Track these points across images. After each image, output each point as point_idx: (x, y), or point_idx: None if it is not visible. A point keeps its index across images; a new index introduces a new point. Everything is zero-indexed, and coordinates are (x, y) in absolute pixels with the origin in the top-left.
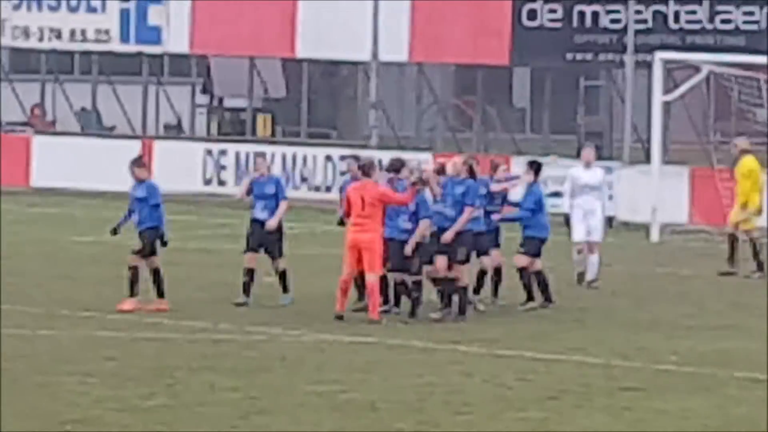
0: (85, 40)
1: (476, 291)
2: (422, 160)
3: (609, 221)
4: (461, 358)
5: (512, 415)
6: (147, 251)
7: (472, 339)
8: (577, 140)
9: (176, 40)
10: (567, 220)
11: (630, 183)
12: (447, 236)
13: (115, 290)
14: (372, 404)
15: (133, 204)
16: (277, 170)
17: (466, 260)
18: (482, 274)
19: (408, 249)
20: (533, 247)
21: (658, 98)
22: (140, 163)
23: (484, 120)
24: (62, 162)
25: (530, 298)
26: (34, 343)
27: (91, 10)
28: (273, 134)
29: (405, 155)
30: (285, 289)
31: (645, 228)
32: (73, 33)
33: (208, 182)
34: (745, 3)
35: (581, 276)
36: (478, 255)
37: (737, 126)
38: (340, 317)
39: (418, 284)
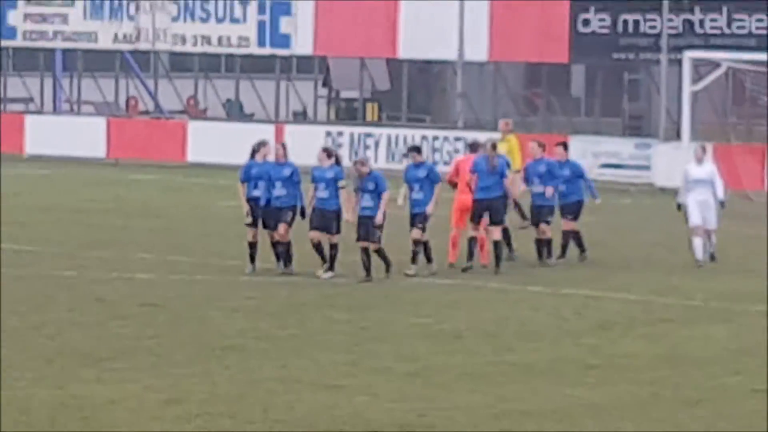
0: (229, 45)
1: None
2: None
3: (721, 205)
4: (529, 296)
5: (570, 341)
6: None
7: (537, 281)
8: (621, 122)
9: (302, 45)
10: (679, 207)
11: (665, 156)
12: None
13: None
14: (458, 333)
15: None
16: (382, 148)
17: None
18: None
19: (379, 218)
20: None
21: (687, 88)
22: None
23: (548, 106)
24: (211, 142)
25: (564, 254)
26: (191, 286)
27: (234, 20)
28: (379, 119)
29: (483, 135)
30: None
31: (676, 192)
32: (220, 39)
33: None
34: (757, 11)
35: (698, 261)
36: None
37: (750, 110)
38: (451, 266)
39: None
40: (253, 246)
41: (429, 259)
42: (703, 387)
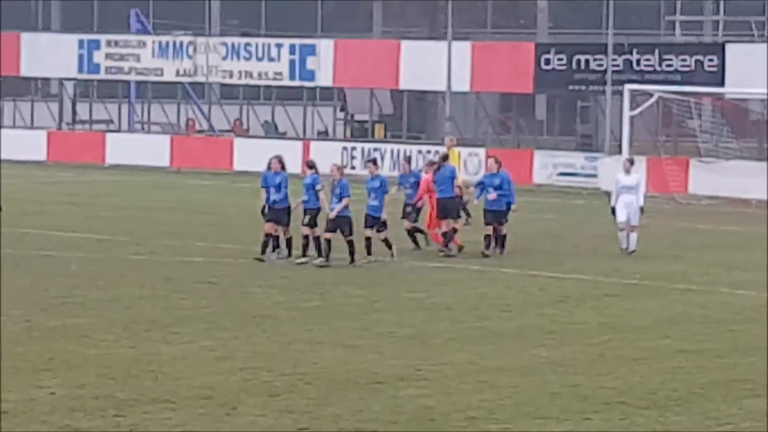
0: (267, 78)
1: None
2: (476, 153)
3: (641, 209)
4: (503, 276)
5: (535, 311)
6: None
7: (509, 264)
8: (575, 140)
9: (324, 78)
10: (613, 210)
11: (609, 166)
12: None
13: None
14: (446, 305)
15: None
16: (387, 160)
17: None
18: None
19: (332, 215)
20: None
21: (626, 113)
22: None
23: (517, 127)
24: (253, 154)
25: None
26: (236, 267)
27: (271, 59)
28: (385, 137)
29: (466, 149)
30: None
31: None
32: (259, 74)
33: (345, 166)
34: (681, 54)
35: (624, 249)
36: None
37: (676, 130)
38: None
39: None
40: (268, 236)
41: (389, 246)
42: (639, 348)
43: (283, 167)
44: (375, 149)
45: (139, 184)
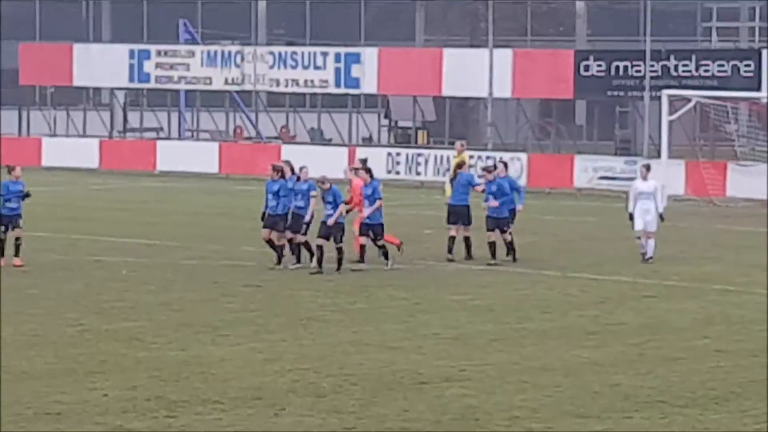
0: (313, 86)
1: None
2: (517, 157)
3: (660, 216)
4: (544, 278)
5: (576, 312)
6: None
7: (551, 267)
8: (614, 144)
9: (369, 85)
10: (631, 216)
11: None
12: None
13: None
14: (489, 307)
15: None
16: (431, 165)
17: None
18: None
19: (331, 222)
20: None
21: (665, 118)
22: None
23: (557, 132)
24: (299, 160)
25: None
26: (283, 271)
27: (317, 67)
28: (428, 143)
29: (508, 154)
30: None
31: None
32: (305, 81)
33: (389, 172)
34: (718, 60)
35: (644, 255)
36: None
37: (713, 134)
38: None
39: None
40: (268, 242)
41: (386, 256)
42: (677, 348)
43: (282, 176)
44: (418, 155)
45: (188, 191)
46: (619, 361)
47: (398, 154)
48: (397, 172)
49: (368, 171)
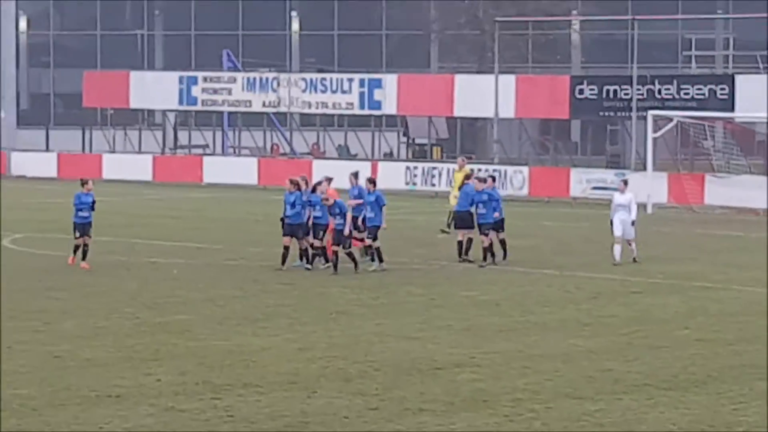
0: (340, 108)
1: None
2: (520, 170)
3: (632, 223)
4: (544, 277)
5: (573, 307)
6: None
7: (550, 266)
8: (605, 159)
9: (389, 107)
10: (611, 223)
11: (635, 181)
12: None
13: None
14: (496, 302)
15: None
16: (444, 178)
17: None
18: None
19: (346, 231)
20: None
21: (650, 136)
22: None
23: (555, 148)
24: (329, 174)
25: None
26: (314, 271)
27: (343, 92)
28: (441, 157)
29: (512, 167)
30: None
31: (643, 206)
32: (334, 104)
33: (407, 183)
34: (697, 84)
35: (615, 261)
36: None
37: (692, 150)
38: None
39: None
40: (286, 249)
41: (380, 260)
42: (662, 337)
43: (298, 188)
44: (433, 168)
45: (231, 200)
46: (611, 349)
47: (415, 167)
48: (414, 183)
49: (372, 182)
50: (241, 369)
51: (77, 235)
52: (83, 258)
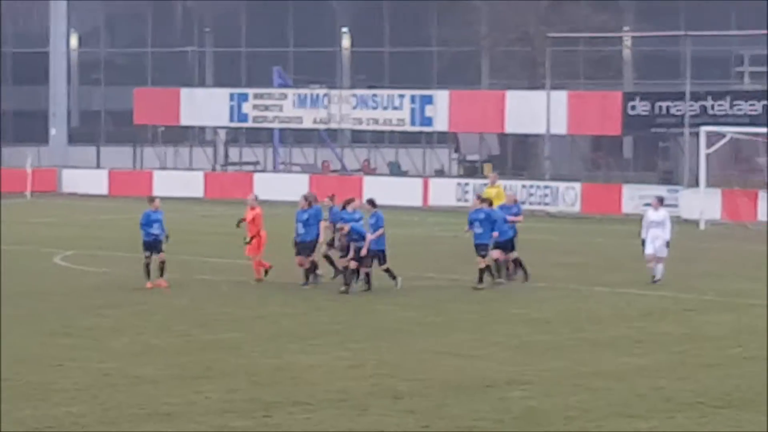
0: (391, 124)
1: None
2: (572, 186)
3: (666, 243)
4: (595, 294)
5: (625, 324)
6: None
7: (601, 283)
8: (657, 175)
9: (440, 124)
10: (643, 242)
11: (688, 198)
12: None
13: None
14: (547, 319)
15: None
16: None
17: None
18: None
19: (364, 251)
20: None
21: (702, 152)
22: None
23: (607, 165)
24: (380, 190)
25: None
26: (367, 292)
27: (394, 108)
28: None
29: (564, 183)
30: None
31: (696, 222)
32: (384, 120)
33: (458, 200)
34: (750, 99)
35: (654, 279)
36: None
37: (745, 166)
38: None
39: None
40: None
41: (393, 277)
42: (714, 355)
43: (310, 204)
44: (484, 185)
45: (282, 217)
46: (663, 367)
47: (466, 184)
48: (466, 200)
49: (372, 203)
50: (291, 387)
51: (147, 254)
52: (161, 275)
